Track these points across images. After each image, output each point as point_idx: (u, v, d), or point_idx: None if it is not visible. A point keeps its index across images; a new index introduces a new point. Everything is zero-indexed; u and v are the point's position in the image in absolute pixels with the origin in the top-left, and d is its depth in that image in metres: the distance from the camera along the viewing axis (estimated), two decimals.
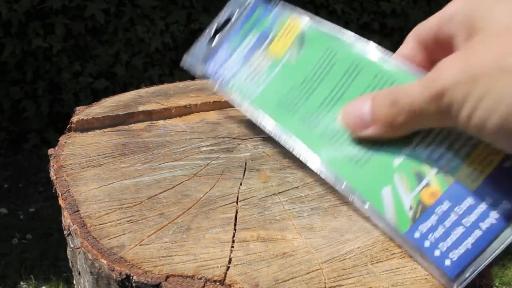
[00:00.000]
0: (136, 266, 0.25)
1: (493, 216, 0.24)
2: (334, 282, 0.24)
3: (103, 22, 1.75)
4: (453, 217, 0.24)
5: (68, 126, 0.42)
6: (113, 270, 0.25)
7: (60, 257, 1.40)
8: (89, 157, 0.37)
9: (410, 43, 0.31)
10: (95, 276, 0.27)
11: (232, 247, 0.27)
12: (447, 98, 0.23)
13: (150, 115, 0.44)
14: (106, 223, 0.28)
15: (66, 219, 0.30)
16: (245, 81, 0.35)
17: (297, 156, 0.31)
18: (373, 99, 0.28)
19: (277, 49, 0.35)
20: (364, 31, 2.13)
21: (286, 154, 0.37)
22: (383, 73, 0.30)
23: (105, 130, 0.42)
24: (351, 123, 0.29)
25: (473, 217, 0.24)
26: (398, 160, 0.27)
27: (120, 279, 0.25)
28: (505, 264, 1.42)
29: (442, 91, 0.24)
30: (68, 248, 0.33)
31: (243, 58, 0.36)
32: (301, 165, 0.35)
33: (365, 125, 0.28)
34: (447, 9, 0.27)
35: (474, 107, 0.22)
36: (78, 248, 0.28)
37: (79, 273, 0.31)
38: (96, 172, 0.34)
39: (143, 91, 0.50)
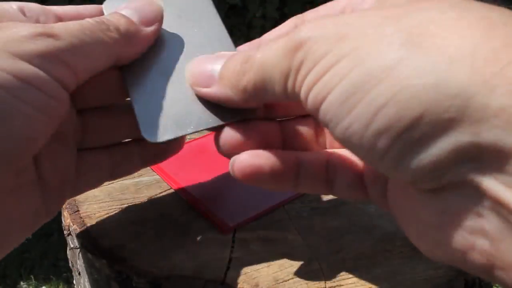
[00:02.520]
0: (137, 266, 0.25)
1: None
2: (334, 282, 0.24)
3: None
4: None
5: None
6: (113, 270, 0.25)
7: (60, 257, 1.40)
8: None
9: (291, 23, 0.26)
10: (95, 276, 0.27)
11: (232, 247, 0.27)
12: (301, 52, 0.19)
13: None
14: (106, 223, 0.28)
15: (66, 219, 0.30)
16: None
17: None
18: (231, 56, 0.23)
19: None
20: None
21: None
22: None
23: None
24: (194, 75, 0.24)
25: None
26: None
27: (120, 279, 0.25)
28: None
29: (299, 43, 0.19)
30: (68, 248, 0.33)
31: None
32: None
33: (210, 82, 0.23)
34: None
35: (325, 69, 0.18)
36: (78, 248, 0.28)
37: (79, 273, 0.31)
38: None
39: None
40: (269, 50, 0.20)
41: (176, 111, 0.24)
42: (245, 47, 0.27)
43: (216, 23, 0.27)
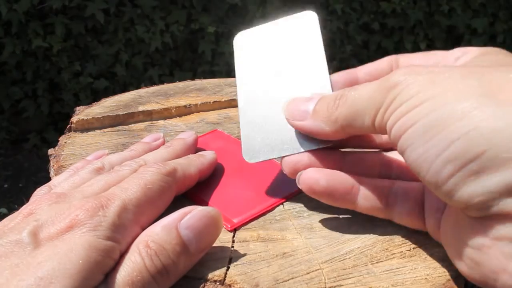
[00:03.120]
0: None
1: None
2: (334, 282, 0.24)
3: (103, 22, 1.75)
4: None
5: (68, 126, 0.42)
6: None
7: None
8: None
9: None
10: None
11: (232, 247, 0.27)
12: (396, 90, 0.22)
13: (150, 115, 0.44)
14: None
15: None
16: None
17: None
18: (323, 96, 0.28)
19: None
20: (364, 31, 2.13)
21: None
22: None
23: (105, 130, 0.42)
24: (291, 111, 0.28)
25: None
26: None
27: None
28: None
29: (395, 83, 0.23)
30: None
31: None
32: None
33: (304, 117, 0.28)
34: None
35: (413, 105, 0.21)
36: None
37: None
38: None
39: (143, 91, 0.50)
40: (363, 88, 0.25)
41: (271, 139, 0.30)
42: (339, 75, 0.31)
43: (319, 57, 0.32)
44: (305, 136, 0.29)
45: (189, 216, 0.24)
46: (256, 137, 0.30)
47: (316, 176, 0.27)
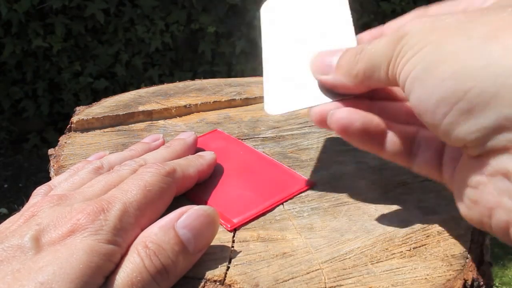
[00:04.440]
0: None
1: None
2: (334, 282, 0.24)
3: (103, 22, 1.75)
4: None
5: (68, 126, 0.42)
6: None
7: None
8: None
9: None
10: None
11: (232, 247, 0.27)
12: (402, 41, 0.23)
13: (150, 115, 0.44)
14: None
15: None
16: None
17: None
18: (346, 50, 0.28)
19: None
20: (364, 31, 2.13)
21: (286, 154, 0.37)
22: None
23: (105, 130, 0.42)
24: (316, 65, 0.29)
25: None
26: None
27: None
28: (505, 264, 1.42)
29: (402, 36, 0.24)
30: None
31: None
32: (301, 165, 0.35)
33: (328, 71, 0.28)
34: None
35: (414, 52, 0.22)
36: None
37: None
38: None
39: (143, 91, 0.50)
40: (378, 43, 0.26)
41: (295, 91, 0.29)
42: (366, 34, 0.32)
43: (346, 22, 0.33)
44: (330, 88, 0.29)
45: (186, 216, 0.24)
46: (280, 89, 0.30)
47: (352, 117, 0.27)
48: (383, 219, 0.29)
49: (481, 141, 0.20)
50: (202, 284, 0.24)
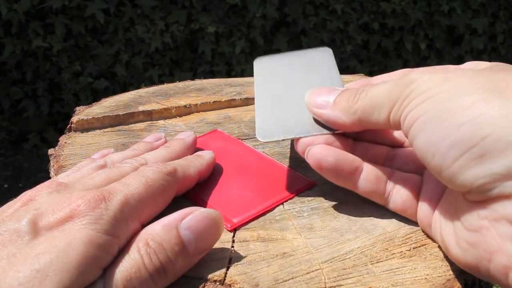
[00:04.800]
0: None
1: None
2: (334, 282, 0.24)
3: (103, 22, 1.75)
4: None
5: (68, 126, 0.42)
6: None
7: None
8: (89, 157, 0.36)
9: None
10: None
11: (232, 247, 0.27)
12: (412, 85, 0.24)
13: (150, 115, 0.44)
14: None
15: None
16: None
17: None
18: (344, 90, 0.29)
19: None
20: (364, 31, 2.13)
21: (286, 154, 0.37)
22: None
23: (105, 130, 0.42)
24: (313, 98, 0.30)
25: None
26: None
27: None
28: None
29: (412, 80, 0.24)
30: None
31: None
32: (301, 165, 0.35)
33: (325, 106, 0.29)
34: None
35: (427, 97, 0.23)
36: None
37: None
38: None
39: (143, 91, 0.50)
40: (382, 85, 0.26)
41: (286, 122, 0.31)
42: (353, 85, 0.33)
43: (333, 73, 0.35)
44: (321, 122, 0.30)
45: (190, 217, 0.24)
46: (271, 118, 0.32)
47: (325, 152, 0.28)
48: (383, 219, 0.29)
49: (488, 187, 0.21)
50: (202, 284, 0.24)
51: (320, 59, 0.37)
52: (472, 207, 0.22)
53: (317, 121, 0.30)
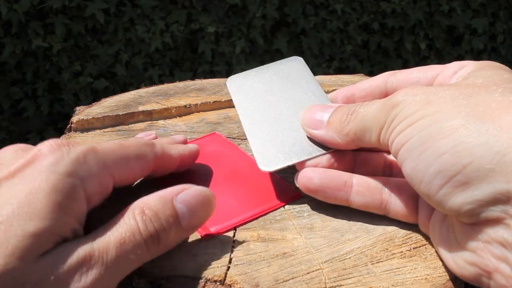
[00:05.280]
0: None
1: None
2: (334, 282, 0.24)
3: (103, 22, 1.75)
4: None
5: (68, 126, 0.42)
6: None
7: None
8: None
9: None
10: None
11: (233, 247, 0.27)
12: (396, 109, 0.25)
13: (150, 115, 0.44)
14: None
15: None
16: None
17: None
18: (337, 107, 0.29)
19: None
20: (364, 31, 2.13)
21: None
22: None
23: (105, 130, 0.42)
24: (307, 119, 0.30)
25: None
26: None
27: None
28: None
29: (396, 103, 0.25)
30: None
31: None
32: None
33: (319, 126, 0.30)
34: None
35: (410, 123, 0.24)
36: None
37: None
38: None
39: (143, 91, 0.50)
40: (370, 107, 0.27)
41: (285, 147, 0.31)
42: (337, 93, 0.34)
43: (312, 84, 0.35)
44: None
45: (185, 192, 0.25)
46: (269, 147, 0.31)
47: (310, 175, 0.29)
48: (383, 219, 0.29)
49: (475, 212, 0.21)
50: (202, 284, 0.24)
51: (295, 71, 0.37)
52: (466, 229, 0.23)
53: (313, 141, 0.31)
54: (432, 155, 0.22)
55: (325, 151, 0.30)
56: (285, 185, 0.32)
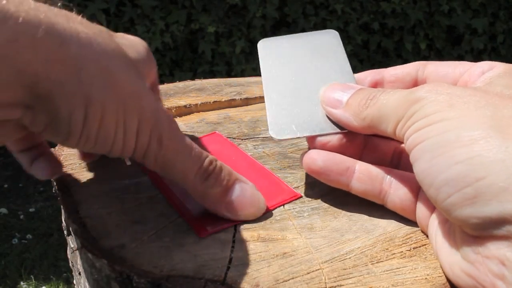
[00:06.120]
0: (137, 266, 0.25)
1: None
2: (335, 282, 0.24)
3: (103, 22, 1.75)
4: None
5: None
6: (113, 270, 0.25)
7: (60, 257, 1.40)
8: None
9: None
10: (95, 276, 0.27)
11: (233, 247, 0.27)
12: (417, 105, 0.24)
13: None
14: (106, 223, 0.28)
15: (66, 219, 0.30)
16: None
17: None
18: (358, 90, 0.29)
19: None
20: (364, 31, 2.13)
21: (286, 154, 0.37)
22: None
23: None
24: (327, 97, 0.30)
25: None
26: None
27: (120, 279, 0.25)
28: None
29: (418, 98, 0.24)
30: (68, 248, 0.33)
31: None
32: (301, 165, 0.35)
33: (338, 105, 0.29)
34: None
35: (429, 122, 0.23)
36: (78, 248, 0.28)
37: (80, 273, 0.31)
38: (96, 172, 0.34)
39: None
40: (392, 95, 0.26)
41: (300, 118, 0.31)
42: (366, 74, 0.33)
43: (342, 60, 0.35)
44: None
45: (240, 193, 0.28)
46: (284, 116, 0.31)
47: (315, 157, 0.29)
48: (383, 219, 0.29)
49: (481, 227, 0.21)
50: (202, 284, 0.24)
51: (328, 44, 0.36)
52: (468, 239, 0.22)
53: (329, 118, 0.31)
54: (445, 162, 0.22)
55: (338, 131, 0.30)
56: (284, 186, 0.32)
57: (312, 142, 0.30)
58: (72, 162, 0.36)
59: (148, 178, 0.33)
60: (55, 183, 0.34)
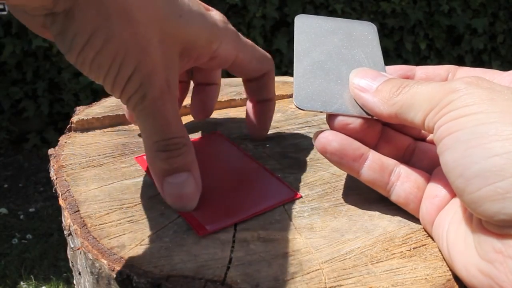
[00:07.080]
0: (137, 266, 0.25)
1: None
2: (334, 282, 0.24)
3: None
4: None
5: (68, 126, 0.42)
6: (113, 270, 0.25)
7: (60, 257, 1.40)
8: (89, 157, 0.37)
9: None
10: (96, 276, 0.27)
11: (233, 247, 0.27)
12: (454, 94, 0.24)
13: None
14: (106, 223, 0.28)
15: (67, 219, 0.30)
16: None
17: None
18: (390, 78, 0.29)
19: None
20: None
21: (286, 154, 0.37)
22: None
23: (105, 130, 0.42)
24: (357, 80, 0.30)
25: None
26: None
27: (120, 279, 0.25)
28: None
29: (456, 88, 0.24)
30: (68, 248, 0.33)
31: None
32: (301, 165, 0.35)
33: (367, 90, 0.29)
34: None
35: (467, 112, 0.23)
36: (79, 248, 0.28)
37: (80, 273, 0.31)
38: (97, 172, 0.34)
39: None
40: (426, 85, 0.26)
41: (326, 95, 0.31)
42: (397, 68, 0.33)
43: (376, 52, 0.35)
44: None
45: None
46: (311, 89, 0.31)
47: (331, 138, 0.29)
48: (383, 219, 0.29)
49: (508, 224, 0.20)
50: (202, 284, 0.24)
51: (365, 34, 0.36)
52: (488, 236, 0.22)
53: (355, 101, 0.30)
54: (481, 153, 0.21)
55: (363, 115, 0.29)
56: (283, 186, 0.32)
57: (332, 121, 0.30)
58: (72, 162, 0.36)
59: (148, 178, 0.33)
60: (55, 183, 0.34)
